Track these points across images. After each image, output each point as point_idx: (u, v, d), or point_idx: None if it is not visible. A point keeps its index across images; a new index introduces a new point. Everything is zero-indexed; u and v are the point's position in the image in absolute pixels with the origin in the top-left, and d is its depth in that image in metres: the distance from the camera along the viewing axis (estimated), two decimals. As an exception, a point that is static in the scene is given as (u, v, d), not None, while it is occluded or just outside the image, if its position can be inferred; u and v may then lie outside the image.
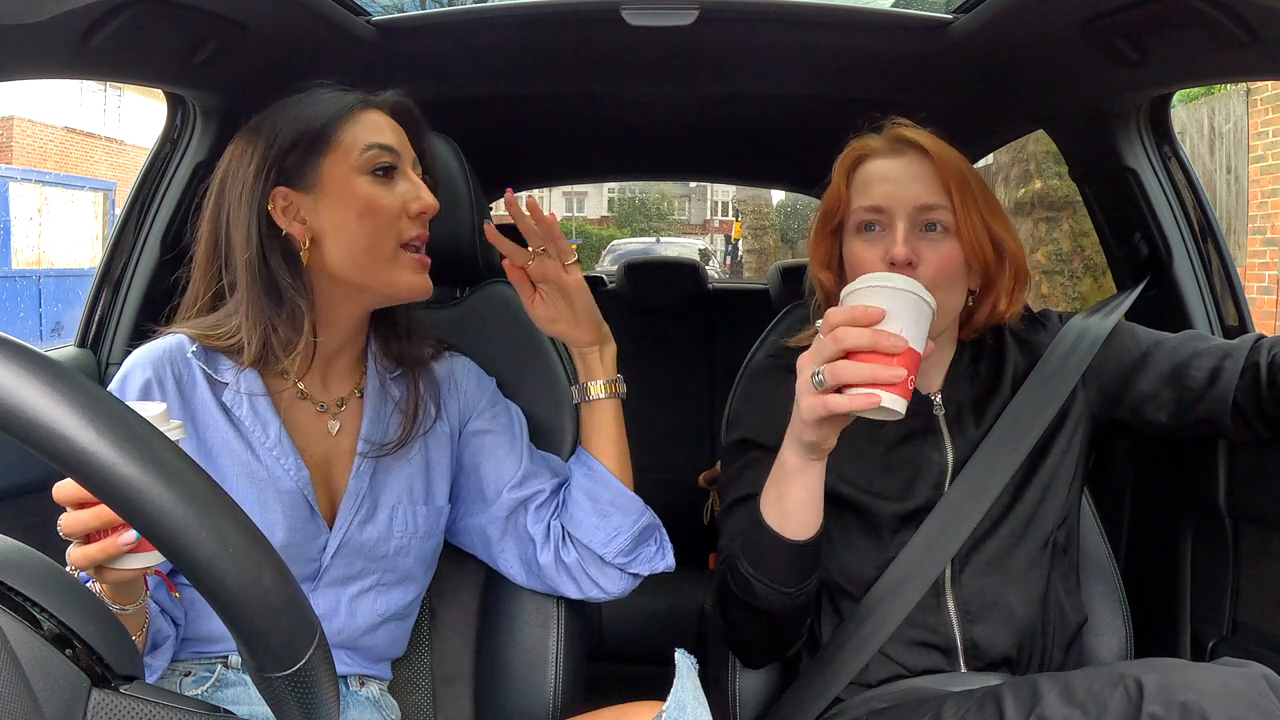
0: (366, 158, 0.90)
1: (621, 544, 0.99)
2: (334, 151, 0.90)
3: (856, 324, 0.80)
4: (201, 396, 0.91)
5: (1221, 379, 0.97)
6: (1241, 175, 5.74)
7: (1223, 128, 5.84)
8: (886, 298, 0.81)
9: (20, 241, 9.32)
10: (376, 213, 0.90)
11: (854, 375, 0.79)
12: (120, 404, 0.42)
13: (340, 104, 0.92)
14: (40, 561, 0.51)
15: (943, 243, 0.99)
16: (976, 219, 0.99)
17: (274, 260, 0.89)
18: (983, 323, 1.06)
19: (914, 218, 0.99)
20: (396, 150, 0.93)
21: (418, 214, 0.92)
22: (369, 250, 0.90)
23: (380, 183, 0.91)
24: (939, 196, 0.99)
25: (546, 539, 1.01)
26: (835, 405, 0.80)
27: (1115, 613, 1.13)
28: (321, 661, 0.46)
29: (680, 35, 1.26)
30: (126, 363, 0.91)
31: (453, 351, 1.07)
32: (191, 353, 0.91)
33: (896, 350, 0.79)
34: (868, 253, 1.00)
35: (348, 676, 0.98)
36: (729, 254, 16.83)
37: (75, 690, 0.46)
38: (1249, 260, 5.61)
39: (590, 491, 1.00)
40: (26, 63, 0.99)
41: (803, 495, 0.89)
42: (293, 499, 0.91)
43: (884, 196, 1.00)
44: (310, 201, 0.90)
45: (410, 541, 0.98)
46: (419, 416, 0.99)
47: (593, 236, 23.52)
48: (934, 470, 1.03)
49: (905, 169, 1.00)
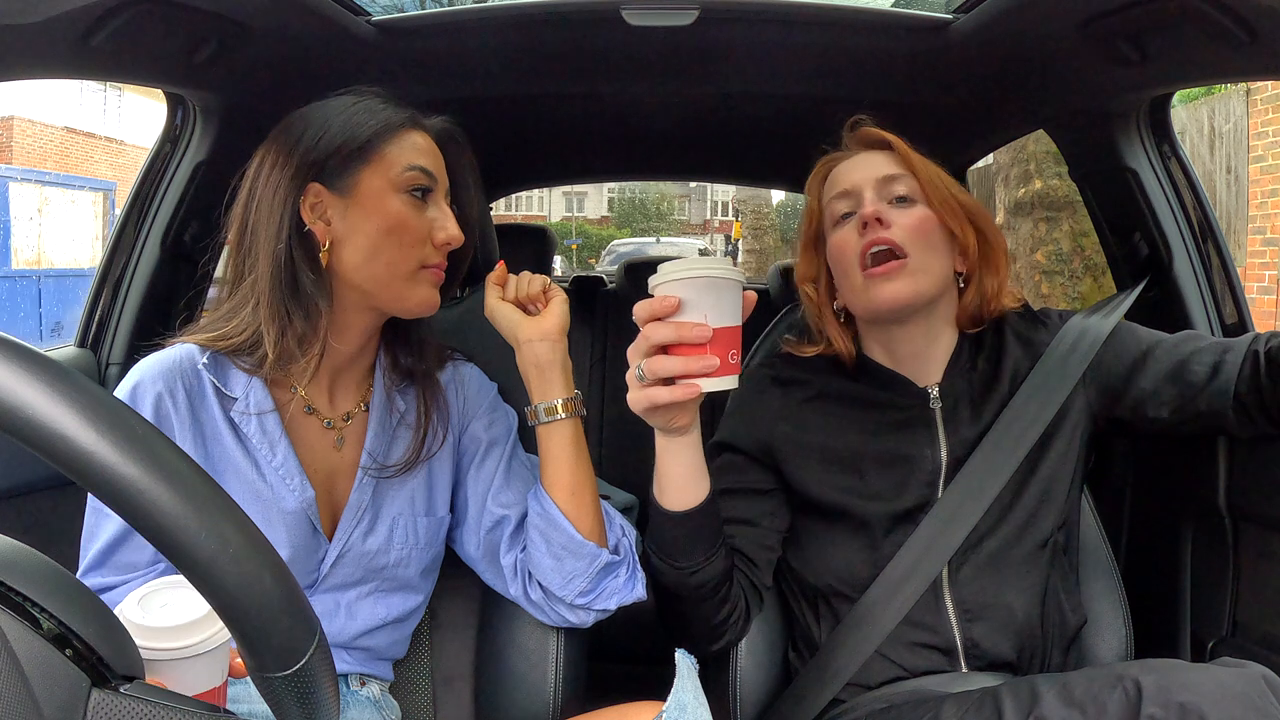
0: (407, 177, 0.90)
1: (580, 586, 0.96)
2: (377, 163, 0.90)
3: (656, 317, 0.82)
4: (211, 412, 0.90)
5: (1223, 372, 0.97)
6: (1241, 175, 5.74)
7: (1223, 128, 5.84)
8: (680, 287, 0.82)
9: (20, 241, 9.32)
10: (403, 231, 0.90)
11: (667, 370, 0.82)
12: (121, 404, 0.42)
13: (391, 118, 0.92)
14: (40, 561, 0.51)
15: (912, 209, 1.03)
16: (944, 191, 1.03)
17: (299, 255, 0.89)
18: (976, 309, 1.07)
19: (880, 189, 1.04)
20: (435, 176, 0.93)
21: (442, 244, 0.92)
22: (388, 265, 0.90)
23: (413, 204, 0.91)
24: (900, 168, 1.04)
25: (515, 574, 0.99)
26: (658, 398, 0.84)
27: (1115, 613, 1.14)
28: (321, 662, 0.46)
29: (680, 35, 1.26)
30: (134, 372, 0.90)
31: (457, 358, 1.07)
32: (203, 364, 0.90)
33: (702, 339, 0.81)
34: (843, 234, 1.04)
35: (348, 676, 0.99)
36: (729, 254, 16.84)
37: (75, 690, 0.46)
38: (1249, 260, 5.61)
39: (544, 533, 0.96)
40: (26, 63, 0.99)
41: (674, 469, 0.94)
42: (296, 519, 0.91)
43: (850, 180, 1.05)
44: (341, 205, 0.90)
45: (410, 553, 0.98)
46: (427, 439, 0.98)
47: (593, 236, 23.54)
48: (927, 467, 1.03)
49: (866, 159, 1.07)
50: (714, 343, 0.81)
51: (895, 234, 0.99)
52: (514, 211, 24.22)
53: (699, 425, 0.93)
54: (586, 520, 0.96)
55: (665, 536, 0.96)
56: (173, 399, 0.88)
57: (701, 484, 0.95)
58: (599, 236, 23.41)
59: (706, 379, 0.81)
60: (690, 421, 0.91)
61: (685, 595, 0.98)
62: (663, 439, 0.93)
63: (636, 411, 0.87)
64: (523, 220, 15.56)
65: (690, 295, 0.82)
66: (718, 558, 0.97)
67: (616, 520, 1.01)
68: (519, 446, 1.06)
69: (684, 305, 0.82)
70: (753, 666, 1.09)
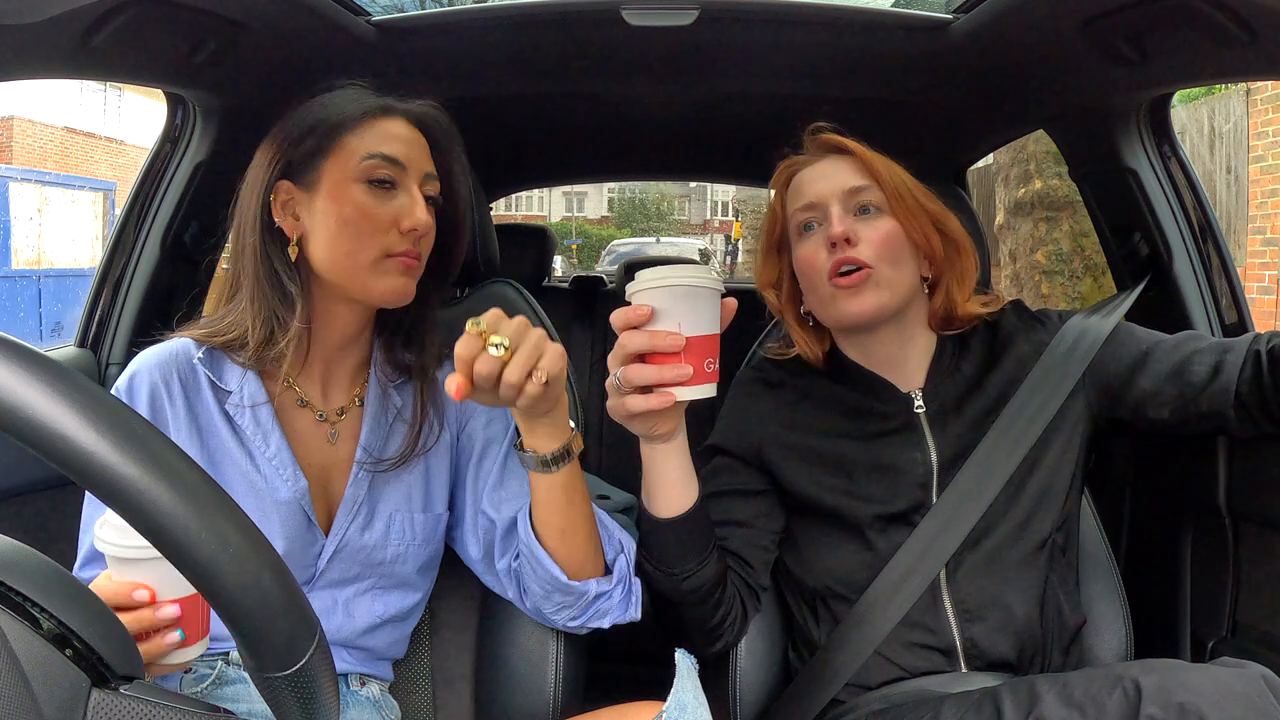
0: (365, 166, 0.89)
1: (570, 614, 0.95)
2: (338, 154, 0.90)
3: (631, 325, 0.82)
4: (206, 404, 0.92)
5: (1224, 372, 0.97)
6: (1241, 175, 5.74)
7: (1223, 128, 5.84)
8: (654, 296, 0.82)
9: (20, 241, 9.32)
10: (362, 221, 0.89)
11: (641, 378, 0.82)
12: (121, 404, 0.42)
13: (358, 106, 0.91)
14: (40, 561, 0.51)
15: (879, 220, 1.02)
16: (909, 198, 1.03)
17: (272, 250, 0.90)
18: (945, 312, 1.07)
19: (846, 202, 1.03)
20: (401, 163, 0.91)
21: (408, 230, 0.90)
22: (349, 255, 0.89)
23: (374, 193, 0.90)
24: (865, 179, 1.03)
25: (510, 580, 0.98)
26: (632, 407, 0.84)
27: (1115, 613, 1.13)
28: (321, 662, 0.46)
29: (680, 35, 1.26)
30: (132, 364, 0.92)
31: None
32: (198, 359, 0.92)
33: (675, 348, 0.80)
34: (809, 248, 1.04)
35: (348, 676, 0.98)
36: (729, 254, 16.84)
37: (75, 690, 0.46)
38: (1249, 260, 5.61)
39: (532, 569, 0.93)
40: (26, 63, 0.99)
41: (660, 476, 0.94)
42: (290, 510, 0.91)
43: (814, 193, 1.04)
44: (308, 200, 0.90)
45: (408, 549, 0.98)
46: (423, 434, 0.98)
47: (593, 236, 23.53)
48: (918, 470, 1.03)
49: (830, 166, 1.06)
50: (688, 351, 0.81)
51: (862, 251, 1.00)
52: (514, 211, 24.22)
53: (684, 432, 0.93)
54: (577, 558, 0.92)
55: (656, 542, 0.96)
56: (168, 391, 0.90)
57: (690, 490, 0.95)
58: (599, 236, 23.41)
59: (681, 387, 0.81)
60: (672, 429, 0.91)
61: (679, 600, 0.98)
62: (647, 446, 0.93)
63: (616, 419, 0.87)
64: (523, 220, 15.56)
65: (664, 303, 0.81)
66: (710, 563, 0.97)
67: (615, 534, 0.98)
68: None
69: (658, 313, 0.81)
70: (752, 667, 1.09)
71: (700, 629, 1.01)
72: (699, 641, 1.02)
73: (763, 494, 1.07)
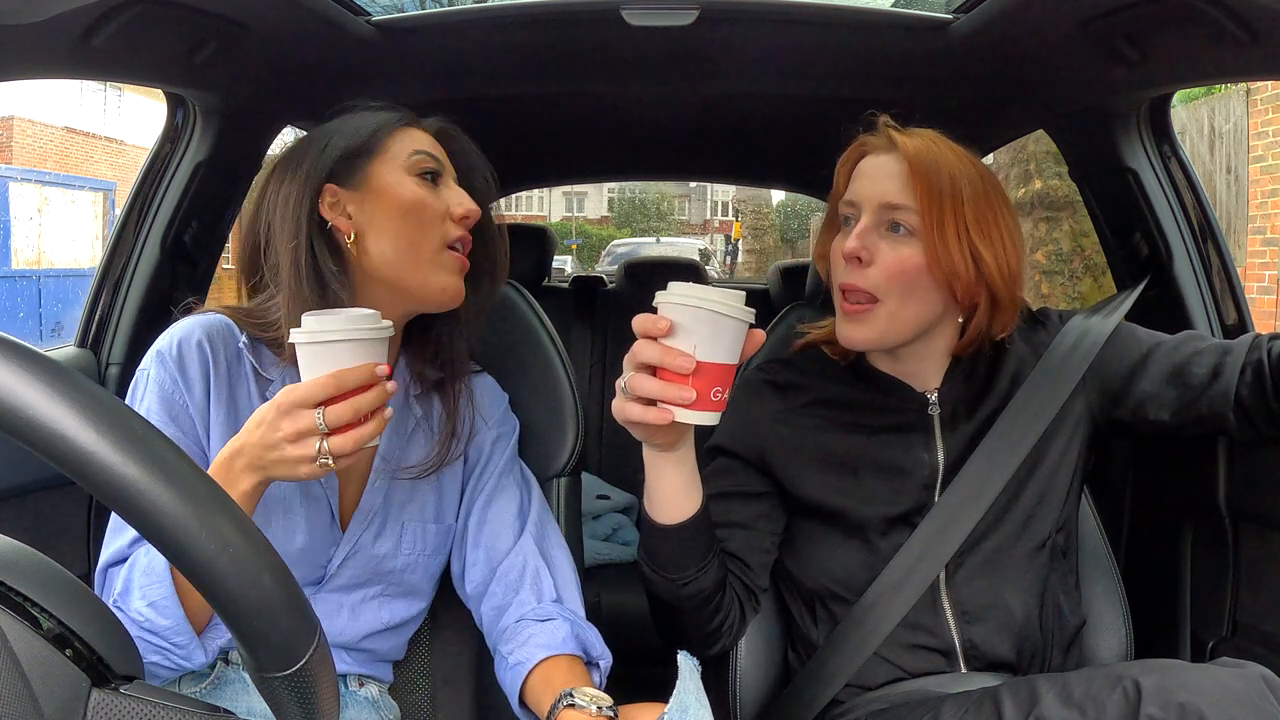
0: (414, 161, 0.93)
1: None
2: (382, 155, 0.93)
3: (648, 335, 0.80)
4: (247, 388, 0.92)
5: (1223, 375, 0.97)
6: (1241, 175, 5.74)
7: (1223, 128, 5.84)
8: (677, 311, 0.79)
9: (20, 241, 9.33)
10: (422, 210, 0.91)
11: (645, 390, 0.80)
12: (121, 404, 0.42)
13: (388, 117, 0.95)
14: (40, 561, 0.51)
15: (903, 245, 0.97)
16: (949, 229, 0.95)
17: (320, 249, 0.90)
18: (976, 342, 1.03)
19: (879, 215, 0.98)
20: (441, 162, 0.95)
21: (461, 217, 0.93)
22: (412, 246, 0.91)
23: (426, 185, 0.93)
24: (906, 198, 0.96)
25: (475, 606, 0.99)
26: (631, 414, 0.82)
27: (1115, 613, 1.13)
28: (321, 662, 0.46)
29: (680, 35, 1.26)
30: (178, 327, 0.91)
31: (474, 368, 1.07)
32: (243, 344, 0.92)
33: (683, 370, 0.78)
34: (835, 245, 1.02)
35: (347, 676, 0.99)
36: (729, 254, 16.85)
37: (75, 690, 0.46)
38: (1249, 260, 5.61)
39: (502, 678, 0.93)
40: (26, 63, 0.99)
41: (661, 484, 0.93)
42: (317, 505, 0.92)
43: (856, 192, 1.01)
44: (357, 199, 0.91)
45: (418, 559, 0.98)
46: (450, 448, 0.98)
47: (593, 236, 23.53)
48: (923, 471, 1.02)
49: (883, 167, 1.00)
50: (697, 375, 0.78)
51: (872, 275, 0.97)
52: (514, 211, 24.21)
53: (690, 445, 0.92)
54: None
55: (656, 548, 0.96)
56: (214, 360, 0.90)
57: (692, 498, 0.94)
58: (599, 236, 23.40)
59: (682, 409, 0.79)
60: (672, 441, 0.89)
61: (678, 606, 0.98)
62: (649, 453, 0.91)
63: (617, 420, 0.85)
64: (523, 220, 15.55)
65: (685, 321, 0.79)
66: (710, 569, 0.97)
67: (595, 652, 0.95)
68: (516, 461, 1.05)
69: (676, 330, 0.79)
70: (752, 667, 1.09)
71: (699, 633, 1.01)
72: (696, 644, 1.02)
73: (764, 496, 1.07)
